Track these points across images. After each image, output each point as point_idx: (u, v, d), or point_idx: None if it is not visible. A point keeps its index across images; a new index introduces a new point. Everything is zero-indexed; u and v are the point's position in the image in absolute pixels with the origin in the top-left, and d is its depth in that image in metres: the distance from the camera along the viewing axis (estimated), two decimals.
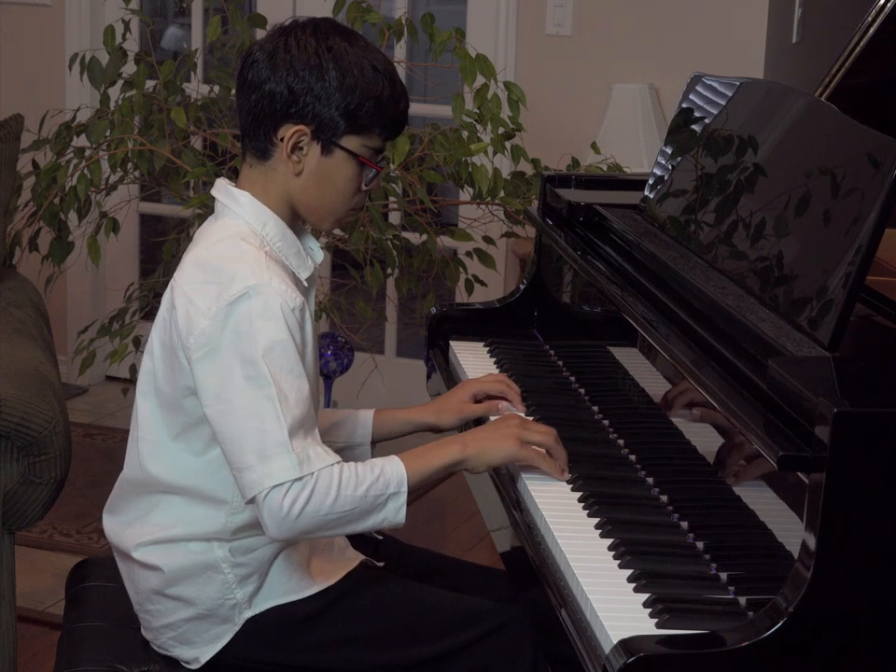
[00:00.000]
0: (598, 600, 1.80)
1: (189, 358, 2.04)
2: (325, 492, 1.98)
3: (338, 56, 2.07)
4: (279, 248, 2.11)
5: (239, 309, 2.00)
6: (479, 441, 2.13)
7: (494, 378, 2.46)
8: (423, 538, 3.81)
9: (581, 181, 2.87)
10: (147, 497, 2.17)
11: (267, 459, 1.97)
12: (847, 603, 1.68)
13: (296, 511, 1.97)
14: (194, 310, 2.03)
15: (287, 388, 1.99)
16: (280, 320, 2.00)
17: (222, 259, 2.06)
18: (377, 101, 2.08)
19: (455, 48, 3.70)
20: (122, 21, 4.00)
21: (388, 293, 4.55)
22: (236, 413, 1.99)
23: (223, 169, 3.82)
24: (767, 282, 2.10)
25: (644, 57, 4.54)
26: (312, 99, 2.06)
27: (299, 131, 2.08)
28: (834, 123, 2.16)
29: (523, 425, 2.17)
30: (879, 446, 1.66)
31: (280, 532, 2.00)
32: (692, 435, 2.09)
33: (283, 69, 2.07)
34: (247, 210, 2.11)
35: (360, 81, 2.07)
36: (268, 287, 2.01)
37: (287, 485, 1.96)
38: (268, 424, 1.98)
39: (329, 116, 2.07)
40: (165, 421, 2.12)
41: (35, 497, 2.81)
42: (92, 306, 5.17)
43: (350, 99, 2.07)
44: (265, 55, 2.09)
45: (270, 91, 2.07)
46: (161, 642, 2.19)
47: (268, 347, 1.99)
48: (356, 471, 2.01)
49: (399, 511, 2.04)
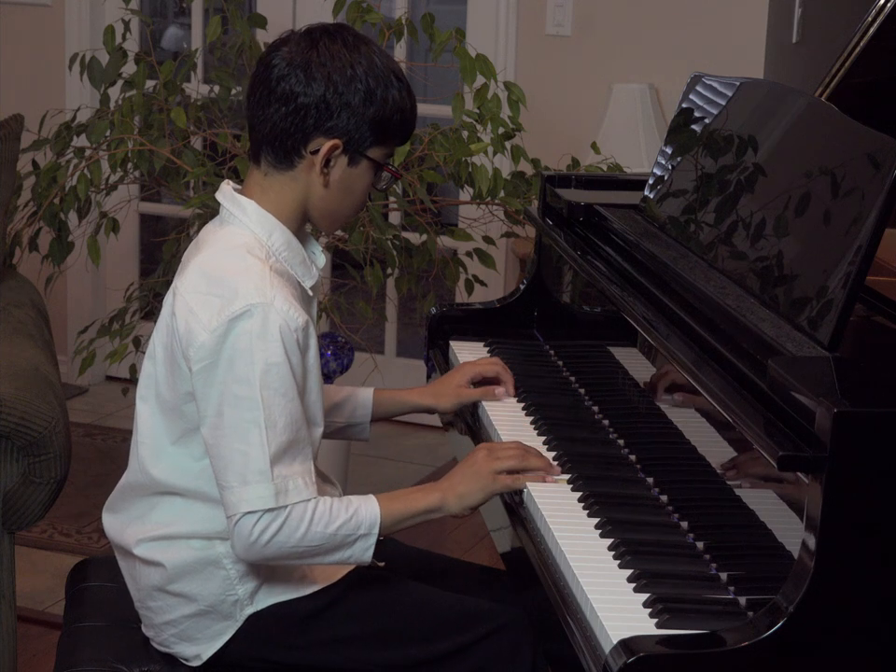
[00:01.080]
0: (598, 600, 1.80)
1: (190, 368, 2.05)
2: (296, 526, 2.02)
3: (368, 69, 2.07)
4: (284, 258, 2.12)
5: (239, 326, 2.01)
6: (454, 486, 2.14)
7: (489, 361, 2.55)
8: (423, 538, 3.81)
9: (581, 181, 2.87)
10: (148, 498, 2.17)
11: (246, 484, 2.01)
12: (847, 603, 1.68)
13: (264, 540, 2.02)
14: (195, 321, 2.04)
15: (276, 413, 2.01)
16: (278, 342, 2.01)
17: (227, 271, 2.06)
18: (402, 113, 2.11)
19: (455, 48, 3.70)
20: (122, 21, 3.99)
21: (388, 293, 4.55)
22: (225, 429, 2.02)
23: (223, 169, 3.82)
24: (767, 282, 2.10)
25: (644, 57, 4.54)
26: (347, 114, 2.07)
27: (335, 145, 2.08)
28: (834, 123, 2.16)
29: (490, 455, 2.17)
30: (879, 446, 1.66)
31: (247, 556, 2.05)
32: (692, 435, 2.09)
33: (320, 82, 2.05)
34: (253, 220, 2.11)
35: (389, 94, 2.08)
36: (270, 308, 2.01)
37: (258, 514, 2.01)
38: (252, 448, 2.01)
39: (359, 129, 2.08)
40: (165, 425, 2.13)
41: (35, 497, 2.81)
42: (92, 306, 5.17)
43: (382, 113, 2.08)
44: (297, 67, 2.06)
45: (304, 105, 2.06)
46: (163, 639, 2.19)
47: (263, 369, 2.01)
48: (329, 508, 2.04)
49: (367, 551, 2.08)
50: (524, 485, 2.15)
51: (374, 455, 4.65)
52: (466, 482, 2.14)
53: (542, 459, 2.20)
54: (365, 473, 4.43)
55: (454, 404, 2.48)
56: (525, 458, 2.18)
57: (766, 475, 1.83)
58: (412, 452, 4.69)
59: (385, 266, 3.89)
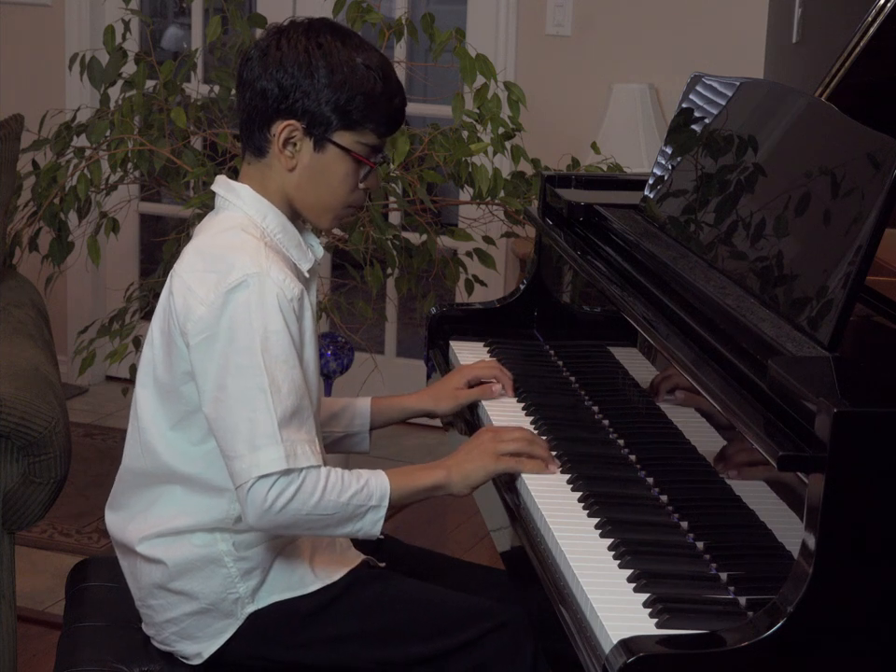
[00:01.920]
0: (598, 600, 1.80)
1: (188, 344, 2.06)
2: (310, 492, 2.02)
3: (327, 53, 2.10)
4: (280, 240, 2.14)
5: (237, 297, 2.03)
6: (459, 464, 2.17)
7: (486, 364, 2.56)
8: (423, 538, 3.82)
9: (581, 181, 2.87)
10: (148, 490, 2.17)
11: (256, 449, 2.00)
12: (847, 603, 1.68)
13: (279, 505, 2.01)
14: (192, 297, 2.06)
15: (280, 378, 2.02)
16: (276, 310, 2.03)
17: (222, 247, 2.09)
18: (367, 96, 2.11)
19: (455, 48, 3.70)
20: (122, 21, 4.00)
21: (388, 293, 4.55)
22: (229, 400, 2.02)
23: (223, 169, 3.82)
24: (767, 282, 2.10)
25: (644, 57, 4.54)
26: (301, 95, 2.10)
27: (289, 125, 2.11)
28: (834, 123, 2.16)
29: (495, 437, 2.20)
30: (879, 446, 1.66)
31: (259, 522, 2.03)
32: (692, 435, 2.09)
33: (273, 67, 2.10)
34: (247, 202, 2.14)
35: (350, 77, 2.10)
36: (266, 277, 2.03)
37: (273, 477, 2.00)
38: (259, 414, 2.01)
39: (319, 111, 2.10)
40: (164, 410, 2.14)
41: (35, 497, 2.81)
42: (92, 306, 5.17)
43: (339, 95, 2.10)
44: (258, 53, 2.13)
45: (262, 89, 2.11)
46: (163, 638, 2.20)
47: (263, 337, 2.02)
48: (342, 477, 2.05)
49: (377, 524, 2.08)
50: (524, 468, 2.17)
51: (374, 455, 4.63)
52: (471, 460, 2.17)
53: (546, 450, 2.22)
54: None
55: (452, 407, 2.48)
56: (531, 444, 2.20)
57: (766, 475, 1.83)
58: (411, 452, 4.69)
59: (385, 266, 3.89)
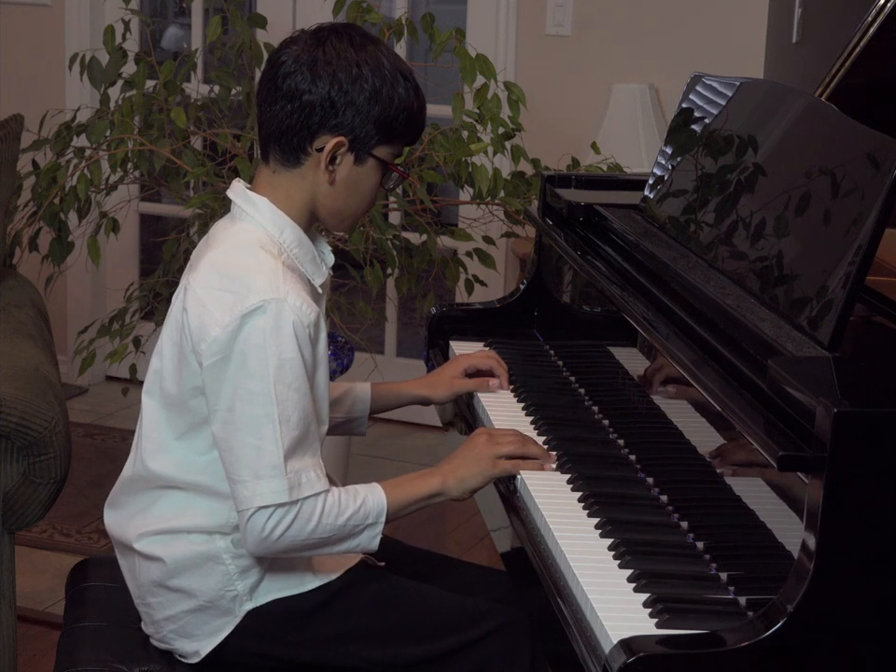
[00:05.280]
0: (598, 600, 1.80)
1: (200, 363, 2.06)
2: (307, 519, 2.04)
3: (374, 68, 2.09)
4: (295, 255, 2.13)
5: (253, 322, 2.02)
6: (454, 469, 2.18)
7: (483, 354, 2.59)
8: (423, 538, 3.82)
9: (581, 181, 2.87)
10: (149, 492, 2.18)
11: (259, 479, 2.02)
12: (847, 603, 1.68)
13: (276, 534, 2.04)
14: (207, 316, 2.04)
15: (290, 408, 2.03)
16: (291, 338, 2.03)
17: (240, 267, 2.07)
18: (409, 112, 2.12)
19: (455, 48, 3.70)
20: (122, 21, 3.99)
21: (388, 293, 4.55)
22: (237, 424, 2.03)
23: (223, 169, 3.82)
24: (767, 282, 2.10)
25: (644, 57, 4.54)
26: (352, 112, 2.08)
27: (339, 142, 2.09)
28: (834, 123, 2.16)
29: (490, 441, 2.21)
30: (879, 446, 1.66)
31: (258, 550, 2.07)
32: (692, 435, 2.09)
33: (325, 80, 2.07)
34: (266, 217, 2.12)
35: (395, 93, 2.10)
36: (283, 304, 2.02)
37: (272, 509, 2.03)
38: (266, 443, 2.02)
39: (365, 128, 2.09)
40: (169, 421, 2.14)
41: (35, 497, 2.81)
42: (92, 306, 5.17)
43: (387, 112, 2.09)
44: (303, 65, 2.08)
45: (309, 102, 2.08)
46: (162, 636, 2.20)
47: (277, 364, 2.02)
48: (339, 500, 2.07)
49: (374, 539, 2.11)
50: (521, 470, 2.19)
51: (374, 454, 4.65)
52: (466, 465, 2.18)
53: (540, 447, 2.24)
54: (364, 473, 4.43)
55: (448, 394, 2.50)
56: (525, 445, 2.22)
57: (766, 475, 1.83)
58: (411, 452, 4.69)
59: (385, 266, 3.89)
